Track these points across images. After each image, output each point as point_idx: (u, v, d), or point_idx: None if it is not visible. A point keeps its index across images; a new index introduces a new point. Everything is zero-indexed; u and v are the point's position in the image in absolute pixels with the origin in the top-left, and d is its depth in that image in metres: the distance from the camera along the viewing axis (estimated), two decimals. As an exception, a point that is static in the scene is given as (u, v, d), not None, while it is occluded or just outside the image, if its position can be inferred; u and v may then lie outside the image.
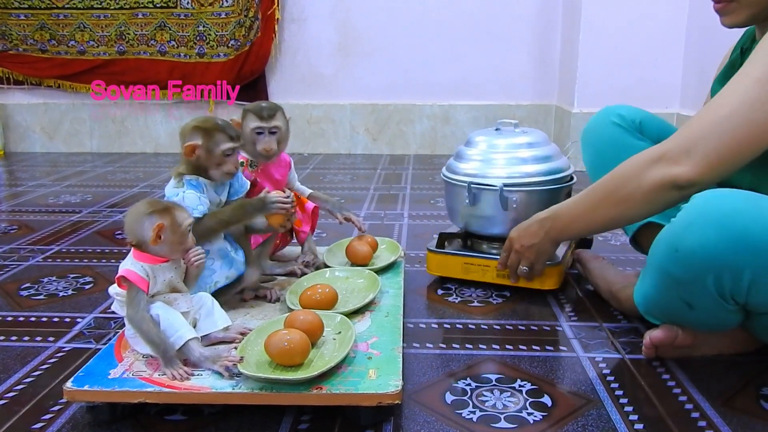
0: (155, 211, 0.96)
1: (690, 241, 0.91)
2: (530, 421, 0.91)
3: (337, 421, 0.91)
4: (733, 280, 0.90)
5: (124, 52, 3.32)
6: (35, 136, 3.51)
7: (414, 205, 2.23)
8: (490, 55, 3.23)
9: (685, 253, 0.92)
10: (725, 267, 0.90)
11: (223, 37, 3.26)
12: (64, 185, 2.62)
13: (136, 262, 0.97)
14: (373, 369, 0.94)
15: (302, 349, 0.93)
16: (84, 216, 2.11)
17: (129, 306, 0.95)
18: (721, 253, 0.89)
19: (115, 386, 0.89)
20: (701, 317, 1.01)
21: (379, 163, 3.10)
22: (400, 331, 1.07)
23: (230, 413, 0.92)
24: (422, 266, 1.57)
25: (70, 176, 2.82)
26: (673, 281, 0.97)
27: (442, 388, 1.00)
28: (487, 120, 3.30)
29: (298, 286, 1.22)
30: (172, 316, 0.96)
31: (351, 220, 1.42)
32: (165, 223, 0.96)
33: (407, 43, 3.26)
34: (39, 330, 1.22)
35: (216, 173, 1.13)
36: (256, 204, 1.15)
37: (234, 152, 1.13)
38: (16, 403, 0.96)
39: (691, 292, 0.96)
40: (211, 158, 1.12)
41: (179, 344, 0.93)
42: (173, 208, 0.98)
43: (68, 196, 2.41)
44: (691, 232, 0.91)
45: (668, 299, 1.01)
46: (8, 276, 1.52)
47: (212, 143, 1.11)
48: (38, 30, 3.34)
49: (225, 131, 1.12)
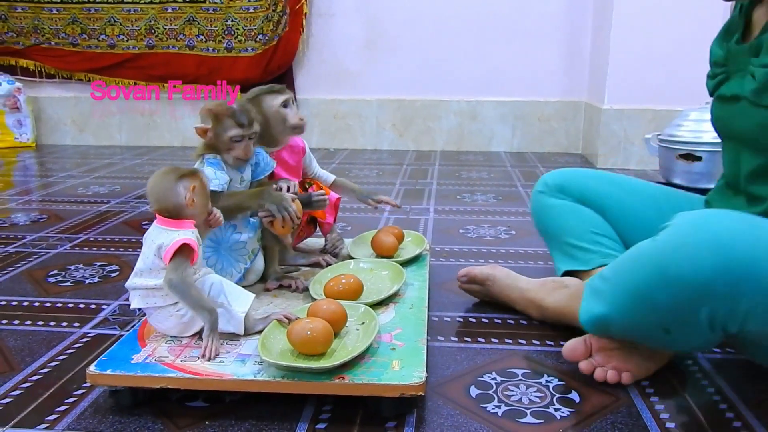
0: (185, 175, 0.98)
1: (681, 265, 0.81)
2: (557, 416, 0.89)
3: (358, 413, 0.89)
4: (730, 309, 0.81)
5: (153, 46, 3.35)
6: (66, 129, 3.56)
7: (440, 201, 2.21)
8: (518, 50, 3.19)
9: (676, 279, 0.82)
10: (721, 295, 0.80)
11: (251, 31, 3.27)
12: (93, 176, 2.65)
13: (186, 231, 0.97)
14: (397, 360, 0.92)
15: (325, 338, 0.92)
16: (112, 206, 2.12)
17: (175, 273, 0.95)
18: (718, 280, 0.79)
19: (137, 371, 0.89)
20: (676, 341, 0.92)
21: (405, 159, 3.08)
22: (424, 323, 1.05)
23: (251, 402, 0.91)
24: (447, 260, 1.55)
25: (99, 168, 2.85)
26: (655, 307, 0.86)
27: (466, 382, 0.98)
28: (515, 117, 3.26)
29: (323, 276, 1.21)
30: (230, 285, 1.02)
31: (384, 201, 1.39)
32: (196, 184, 0.98)
33: (434, 39, 3.24)
34: (65, 315, 1.23)
35: (228, 157, 1.13)
36: (274, 198, 1.13)
37: (243, 139, 1.12)
38: (40, 386, 0.97)
39: (675, 319, 0.86)
40: (221, 143, 1.12)
41: (248, 306, 0.99)
42: (196, 170, 1.02)
43: (97, 187, 2.43)
44: (683, 255, 0.81)
45: (641, 324, 0.91)
46: (37, 263, 1.54)
47: (220, 128, 1.11)
48: (70, 24, 3.39)
49: (234, 117, 1.11)
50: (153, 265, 0.97)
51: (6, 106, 3.34)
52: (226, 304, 0.99)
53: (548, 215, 1.29)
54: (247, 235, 1.17)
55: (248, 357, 0.93)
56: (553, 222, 1.28)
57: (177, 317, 0.98)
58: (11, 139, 3.40)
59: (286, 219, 1.11)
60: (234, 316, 0.99)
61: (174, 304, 0.98)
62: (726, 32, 1.07)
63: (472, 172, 2.77)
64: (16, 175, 2.80)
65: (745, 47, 0.98)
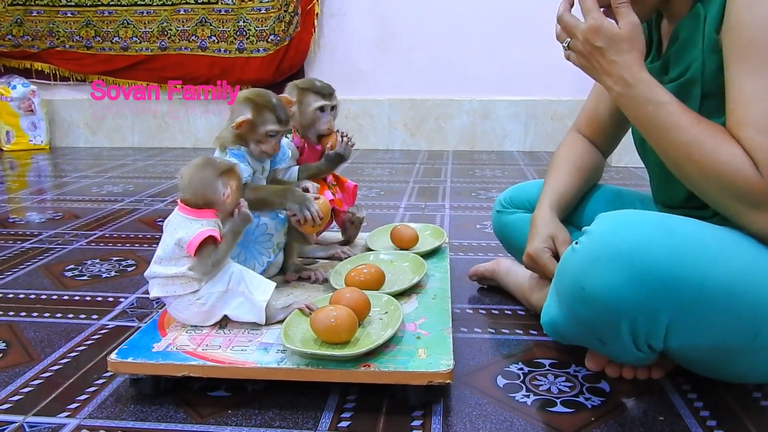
0: (224, 173, 0.97)
1: (596, 280, 0.77)
2: (588, 405, 0.86)
3: (384, 401, 0.87)
4: (649, 324, 0.77)
5: (166, 48, 3.35)
6: (79, 131, 3.56)
7: (455, 197, 2.19)
8: (531, 48, 3.17)
9: (592, 294, 0.78)
10: (637, 310, 0.76)
11: (263, 32, 3.27)
12: (107, 177, 2.65)
13: (209, 221, 0.96)
14: (423, 348, 0.90)
15: (349, 326, 0.90)
16: (126, 204, 2.11)
17: (205, 265, 0.95)
18: (630, 294, 0.75)
19: (159, 359, 0.87)
20: (615, 353, 0.89)
21: (417, 158, 3.06)
22: (448, 313, 1.03)
23: (274, 391, 0.89)
24: (466, 255, 1.53)
25: (112, 168, 2.85)
26: (580, 321, 0.84)
27: (493, 372, 0.96)
28: (528, 116, 3.24)
29: (343, 267, 1.19)
30: (250, 273, 1.01)
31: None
32: (234, 182, 0.98)
33: (446, 38, 3.22)
34: (83, 308, 1.22)
35: (255, 149, 1.11)
36: (297, 197, 1.11)
37: (278, 135, 1.11)
38: (61, 375, 0.95)
39: (603, 333, 0.83)
40: (254, 134, 1.10)
41: (268, 295, 0.98)
42: (234, 166, 1.01)
43: (110, 187, 2.43)
44: (596, 270, 0.77)
45: (578, 333, 0.89)
46: (53, 258, 1.53)
47: (259, 120, 1.09)
48: (84, 27, 3.40)
49: (275, 111, 1.09)
50: (173, 253, 0.96)
51: (21, 108, 3.35)
52: (247, 292, 0.97)
53: (509, 231, 1.25)
54: (275, 228, 1.15)
55: (271, 346, 0.91)
56: (513, 236, 1.24)
57: (197, 306, 0.97)
58: (26, 141, 3.40)
59: (308, 219, 1.09)
60: (255, 304, 0.97)
61: (194, 293, 0.96)
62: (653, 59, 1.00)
63: (485, 170, 2.74)
64: (31, 176, 2.80)
65: (657, 65, 0.94)
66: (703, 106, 0.85)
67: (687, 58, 0.87)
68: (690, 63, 0.86)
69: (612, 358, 0.93)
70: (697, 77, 0.85)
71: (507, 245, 1.29)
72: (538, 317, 1.15)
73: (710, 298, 0.75)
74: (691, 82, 0.86)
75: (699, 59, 0.85)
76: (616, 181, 2.47)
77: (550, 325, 0.92)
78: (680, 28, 0.88)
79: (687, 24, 0.87)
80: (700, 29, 0.84)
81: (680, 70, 0.88)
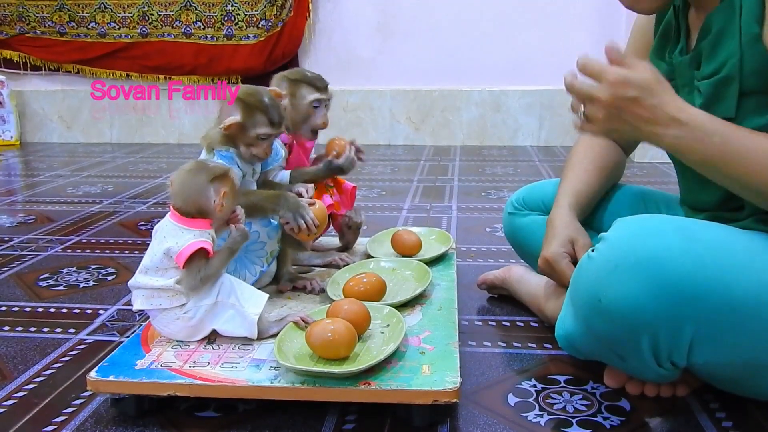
0: (216, 178, 0.98)
1: (613, 291, 0.78)
2: (606, 425, 0.88)
3: (386, 422, 0.88)
4: (671, 339, 0.78)
5: (147, 34, 3.37)
6: (53, 125, 3.58)
7: (463, 198, 2.20)
8: (546, 34, 3.18)
9: (609, 307, 0.79)
10: (658, 323, 0.77)
11: (252, 17, 3.28)
12: (83, 176, 2.66)
13: (202, 231, 0.97)
14: (427, 364, 0.91)
15: (347, 340, 0.91)
16: (105, 207, 2.13)
17: (194, 279, 0.96)
18: (651, 306, 0.76)
19: (142, 377, 0.89)
20: (635, 369, 0.90)
21: (422, 155, 3.08)
22: (455, 325, 1.04)
23: (267, 410, 0.91)
24: (475, 261, 1.54)
25: (90, 167, 2.87)
26: (597, 335, 0.85)
27: (503, 389, 0.97)
28: (542, 107, 3.25)
29: (341, 276, 1.21)
30: (241, 284, 1.02)
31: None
32: (228, 189, 0.99)
33: (453, 22, 3.24)
34: (59, 321, 1.23)
35: (245, 152, 1.12)
36: (290, 204, 1.12)
37: (270, 138, 1.12)
38: (36, 395, 0.97)
39: (623, 348, 0.85)
40: (244, 137, 1.11)
41: (260, 308, 0.99)
42: (228, 171, 1.01)
43: (88, 187, 2.45)
44: (614, 280, 0.78)
45: (596, 348, 0.90)
46: (26, 266, 1.55)
47: (250, 122, 1.10)
48: (57, 11, 3.42)
49: (267, 113, 1.11)
50: (161, 263, 0.97)
51: (-12, 101, 3.37)
52: (238, 305, 0.99)
53: (521, 235, 1.26)
54: (267, 236, 1.16)
55: (263, 362, 0.93)
56: (526, 241, 1.25)
57: (184, 320, 0.98)
58: (-6, 137, 3.43)
59: (302, 227, 1.10)
60: (246, 318, 0.98)
61: (181, 306, 0.98)
62: (662, 38, 1.02)
63: (496, 167, 2.76)
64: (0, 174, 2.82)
65: (687, 59, 0.94)
66: (740, 105, 0.85)
67: (722, 53, 0.87)
68: (726, 58, 0.86)
69: (632, 374, 0.94)
70: (734, 74, 0.85)
71: (519, 250, 1.30)
72: (552, 329, 1.16)
73: (737, 310, 0.76)
74: (729, 79, 0.86)
75: (737, 54, 0.84)
76: (639, 178, 2.49)
77: (565, 338, 0.93)
78: (713, 19, 0.88)
79: (720, 15, 0.87)
80: (736, 21, 0.85)
81: (715, 66, 0.88)
